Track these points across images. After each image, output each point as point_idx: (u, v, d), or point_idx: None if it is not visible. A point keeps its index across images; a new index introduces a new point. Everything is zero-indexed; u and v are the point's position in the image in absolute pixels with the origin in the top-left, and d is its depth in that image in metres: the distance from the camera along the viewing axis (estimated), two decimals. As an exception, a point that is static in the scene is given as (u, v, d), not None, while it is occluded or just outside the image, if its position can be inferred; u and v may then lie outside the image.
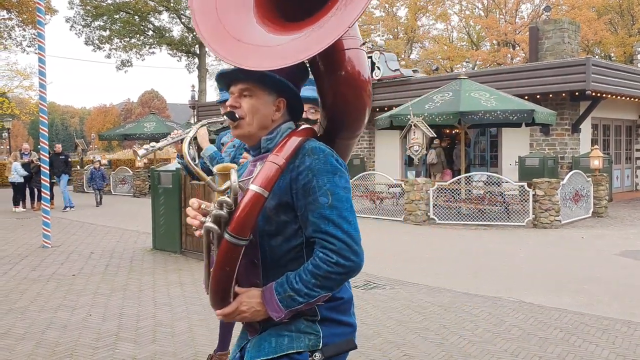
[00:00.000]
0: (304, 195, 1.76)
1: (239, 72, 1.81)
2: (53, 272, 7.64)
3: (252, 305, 1.79)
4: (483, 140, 18.40)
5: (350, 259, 1.74)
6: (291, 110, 1.96)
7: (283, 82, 1.86)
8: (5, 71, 36.08)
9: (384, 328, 5.13)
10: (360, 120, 2.00)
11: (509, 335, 4.93)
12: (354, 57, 1.89)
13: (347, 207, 1.77)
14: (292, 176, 1.78)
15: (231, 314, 1.81)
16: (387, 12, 42.92)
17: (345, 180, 1.82)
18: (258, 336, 1.88)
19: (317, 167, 1.77)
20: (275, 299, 1.76)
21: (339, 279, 1.74)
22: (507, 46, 39.20)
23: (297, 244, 1.81)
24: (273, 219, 1.80)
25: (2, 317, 5.48)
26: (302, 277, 1.74)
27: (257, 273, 1.85)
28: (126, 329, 5.11)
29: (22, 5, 25.44)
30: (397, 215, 13.44)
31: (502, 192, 12.97)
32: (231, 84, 1.91)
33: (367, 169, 19.37)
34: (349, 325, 1.90)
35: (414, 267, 7.92)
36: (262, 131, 1.89)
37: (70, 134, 69.43)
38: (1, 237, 11.00)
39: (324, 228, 1.73)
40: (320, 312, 1.84)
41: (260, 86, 1.86)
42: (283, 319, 1.77)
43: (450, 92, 13.43)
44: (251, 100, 1.86)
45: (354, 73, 1.90)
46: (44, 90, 10.00)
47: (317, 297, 1.74)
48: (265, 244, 1.82)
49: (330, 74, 1.89)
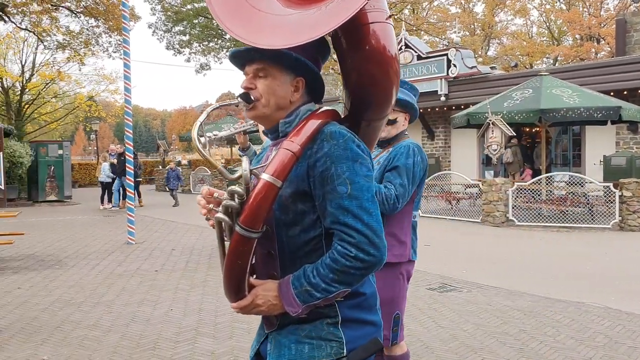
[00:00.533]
0: (322, 183, 1.64)
1: (253, 51, 1.69)
2: (137, 267, 7.99)
3: (269, 298, 1.69)
4: (565, 139, 17.67)
5: (370, 253, 1.62)
6: (311, 90, 1.81)
7: (301, 61, 1.71)
8: (93, 76, 38.03)
9: (461, 332, 5.02)
10: (387, 101, 1.84)
11: (593, 342, 4.71)
12: (379, 31, 1.72)
13: (367, 197, 1.64)
14: (310, 163, 1.65)
15: (247, 307, 1.72)
16: (463, 8, 42.02)
17: (367, 168, 1.68)
18: (277, 338, 1.77)
19: (336, 153, 1.64)
20: (292, 293, 1.65)
21: (358, 274, 1.62)
22: (590, 40, 37.48)
23: (316, 235, 1.70)
24: (290, 208, 1.68)
25: (90, 310, 5.78)
26: (320, 271, 1.63)
27: (275, 264, 1.74)
28: (205, 324, 5.26)
29: (109, 13, 26.71)
30: (474, 216, 13.14)
31: (586, 193, 12.42)
32: (246, 64, 1.78)
33: (443, 168, 19.04)
34: (373, 324, 1.77)
35: (492, 269, 7.71)
36: (280, 113, 1.76)
37: (152, 135, 72.32)
38: (89, 234, 11.61)
39: (343, 219, 1.61)
40: (341, 312, 1.71)
41: (276, 65, 1.72)
42: (300, 314, 1.66)
43: (530, 89, 13.03)
44: (266, 80, 1.73)
45: (379, 48, 1.73)
46: (128, 93, 10.47)
47: (335, 292, 1.63)
48: (282, 235, 1.71)
49: (353, 50, 1.74)
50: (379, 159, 3.17)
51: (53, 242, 10.53)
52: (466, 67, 18.29)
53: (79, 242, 10.51)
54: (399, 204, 2.96)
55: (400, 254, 3.06)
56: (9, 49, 31.96)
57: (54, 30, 28.33)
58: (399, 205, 2.96)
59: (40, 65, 30.94)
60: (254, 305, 1.71)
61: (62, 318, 5.48)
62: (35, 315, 5.61)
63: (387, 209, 2.95)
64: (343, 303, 1.72)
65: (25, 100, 31.23)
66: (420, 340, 4.75)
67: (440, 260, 8.32)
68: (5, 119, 29.00)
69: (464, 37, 38.20)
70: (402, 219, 3.09)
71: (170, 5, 34.53)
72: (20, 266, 8.15)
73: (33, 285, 6.90)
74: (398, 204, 2.96)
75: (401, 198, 2.96)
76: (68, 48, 29.21)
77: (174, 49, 36.52)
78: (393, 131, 3.18)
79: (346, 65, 1.78)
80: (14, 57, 33.41)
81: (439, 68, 18.59)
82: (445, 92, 18.47)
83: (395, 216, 3.04)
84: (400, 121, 3.19)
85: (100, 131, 45.16)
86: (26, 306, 5.95)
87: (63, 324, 5.28)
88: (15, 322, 5.37)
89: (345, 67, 1.79)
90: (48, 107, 34.50)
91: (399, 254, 3.06)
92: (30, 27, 28.50)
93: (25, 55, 31.51)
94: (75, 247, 9.91)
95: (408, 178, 2.99)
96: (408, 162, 3.02)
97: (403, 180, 2.98)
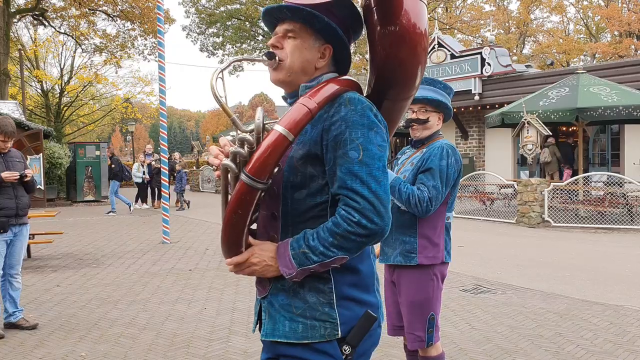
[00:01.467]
0: (334, 147, 1.62)
1: (285, 9, 1.67)
2: (172, 266, 8.10)
3: (264, 258, 1.67)
4: (603, 138, 17.28)
5: (373, 220, 1.58)
6: (337, 61, 1.79)
7: (332, 27, 1.69)
8: (129, 78, 38.81)
9: (495, 334, 4.96)
10: (413, 79, 1.79)
11: (633, 347, 4.59)
12: (411, 8, 1.69)
13: (378, 166, 1.61)
14: (325, 126, 1.63)
15: (241, 265, 1.69)
16: (497, 6, 41.46)
17: (382, 139, 1.65)
18: (270, 310, 1.74)
19: (353, 118, 1.61)
20: (289, 254, 1.63)
21: (358, 240, 1.59)
22: (630, 37, 36.55)
23: (322, 201, 1.68)
24: (299, 170, 1.66)
25: (126, 308, 5.89)
26: (320, 234, 1.60)
27: (276, 226, 1.71)
28: (238, 323, 5.31)
29: (144, 16, 27.20)
30: (509, 217, 12.95)
31: (625, 193, 12.12)
32: (277, 23, 1.75)
33: (477, 168, 18.81)
34: (369, 305, 1.72)
35: (527, 271, 7.59)
36: (303, 77, 1.73)
37: (187, 136, 73.31)
38: (125, 234, 11.83)
39: (350, 184, 1.59)
40: (337, 289, 1.68)
41: (307, 27, 1.70)
42: (294, 277, 1.63)
43: (566, 87, 12.79)
44: (295, 42, 1.70)
45: (409, 26, 1.69)
46: (163, 95, 10.64)
47: (332, 257, 1.60)
48: (288, 196, 1.68)
49: (384, 24, 1.70)
50: (412, 160, 3.13)
51: (90, 241, 10.77)
52: (500, 66, 18.01)
53: (115, 241, 10.72)
54: (432, 206, 2.92)
55: (434, 255, 3.03)
56: (49, 52, 32.81)
57: (91, 33, 28.99)
58: (432, 207, 2.93)
59: (78, 68, 31.67)
60: (248, 264, 1.68)
61: (99, 316, 5.60)
62: (73, 312, 5.74)
63: (420, 211, 2.92)
64: (339, 279, 1.69)
65: (64, 102, 32.01)
66: (453, 342, 4.71)
67: (474, 261, 8.22)
68: (45, 121, 29.77)
69: (499, 35, 37.65)
70: (436, 220, 3.05)
71: (204, 7, 34.94)
72: (59, 265, 8.35)
73: (71, 284, 7.06)
74: (431, 207, 2.92)
75: (434, 200, 2.92)
76: (105, 51, 29.84)
77: (207, 50, 36.94)
78: (426, 132, 3.14)
79: (375, 40, 1.74)
80: (54, 60, 34.29)
81: (473, 67, 18.37)
82: (479, 91, 18.24)
83: (428, 218, 3.01)
84: (433, 121, 3.14)
85: (136, 132, 45.96)
86: (64, 304, 6.10)
87: (100, 322, 5.39)
88: (54, 319, 5.51)
89: (373, 42, 1.75)
90: (86, 109, 35.31)
91: (432, 256, 3.03)
92: (69, 31, 29.20)
93: (64, 59, 32.32)
94: (111, 246, 10.11)
95: (442, 180, 2.96)
96: (442, 164, 2.98)
97: (436, 182, 2.94)
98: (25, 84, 28.05)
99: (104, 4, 27.29)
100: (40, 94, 32.57)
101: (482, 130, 19.51)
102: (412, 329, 3.05)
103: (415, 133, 3.17)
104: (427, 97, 3.10)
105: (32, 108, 31.12)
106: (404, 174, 3.10)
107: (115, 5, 27.32)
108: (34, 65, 31.25)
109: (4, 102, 21.30)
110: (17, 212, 5.08)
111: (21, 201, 5.13)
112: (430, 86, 3.15)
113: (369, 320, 1.70)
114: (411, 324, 3.06)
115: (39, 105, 32.58)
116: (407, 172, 3.09)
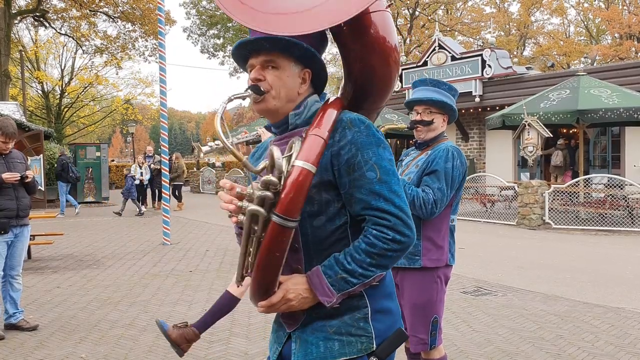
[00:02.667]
0: (348, 171, 1.64)
1: (264, 41, 1.66)
2: (172, 268, 8.10)
3: (299, 292, 1.66)
4: (604, 140, 17.27)
5: (405, 234, 1.64)
6: (314, 83, 1.81)
7: (310, 52, 1.70)
8: (129, 79, 38.78)
9: (496, 336, 4.95)
10: (387, 90, 1.85)
11: (634, 349, 4.58)
12: (378, 21, 1.72)
13: (395, 181, 1.66)
14: (333, 152, 1.64)
15: (277, 304, 1.66)
16: (498, 8, 41.48)
17: (389, 152, 1.69)
18: (302, 336, 1.73)
19: (360, 140, 1.64)
20: (326, 283, 1.63)
21: (395, 255, 1.64)
22: (630, 39, 36.55)
23: (341, 224, 1.69)
24: (314, 199, 1.66)
25: (127, 309, 5.88)
26: (355, 257, 1.62)
27: (299, 258, 1.71)
28: (239, 325, 5.30)
29: (145, 17, 27.25)
30: (509, 219, 12.95)
31: (625, 195, 12.11)
32: (250, 55, 1.73)
33: (477, 170, 18.79)
34: (394, 314, 1.77)
35: (527, 273, 7.58)
36: (288, 105, 1.74)
37: (187, 137, 73.34)
38: (125, 235, 11.83)
39: (375, 204, 1.63)
40: (371, 303, 1.71)
41: (286, 56, 1.70)
42: (334, 303, 1.64)
43: (567, 89, 12.79)
44: (276, 72, 1.70)
45: (378, 38, 1.73)
46: (164, 96, 10.64)
47: (372, 277, 1.64)
48: (307, 226, 1.68)
49: (354, 40, 1.73)
50: (417, 162, 3.11)
51: (91, 242, 10.76)
52: (501, 68, 18.01)
53: (115, 242, 10.71)
54: (436, 208, 2.91)
55: (438, 258, 3.01)
56: (49, 54, 32.84)
57: (92, 35, 29.03)
58: (437, 210, 2.91)
59: (79, 70, 31.71)
60: (284, 301, 1.66)
61: (100, 317, 5.59)
62: (73, 313, 5.73)
63: (425, 214, 2.90)
64: (371, 294, 1.72)
65: (65, 103, 32.04)
66: (454, 345, 4.70)
67: (475, 263, 8.22)
68: (46, 122, 29.78)
69: (499, 37, 37.65)
70: (440, 223, 3.03)
71: (205, 9, 34.98)
72: (60, 266, 8.35)
73: (71, 285, 7.06)
74: (436, 209, 2.91)
75: (439, 203, 2.91)
76: (105, 52, 29.88)
77: (208, 52, 37.00)
78: (430, 134, 3.13)
79: (350, 55, 1.77)
80: (54, 61, 34.34)
81: (473, 69, 18.37)
82: (479, 93, 18.23)
83: (433, 220, 2.99)
84: (437, 123, 3.12)
85: (136, 133, 45.91)
86: (65, 305, 6.09)
87: (100, 323, 5.38)
88: (55, 320, 5.50)
89: (348, 58, 1.78)
90: (86, 110, 35.32)
91: (436, 259, 3.01)
92: (70, 32, 29.23)
93: (64, 60, 32.36)
94: (112, 247, 10.11)
95: (447, 182, 2.94)
96: (447, 166, 2.96)
97: (441, 184, 2.92)
98: (26, 85, 28.09)
99: (105, 5, 27.33)
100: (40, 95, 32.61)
101: (483, 132, 19.50)
102: (415, 331, 3.04)
103: (420, 135, 3.15)
104: (432, 99, 3.08)
105: (32, 109, 31.15)
106: (409, 176, 3.08)
107: (116, 6, 27.36)
108: (34, 67, 31.29)
109: (5, 103, 21.33)
110: (18, 213, 5.08)
111: (22, 202, 5.13)
112: (435, 87, 3.13)
113: (400, 339, 1.74)
114: (414, 327, 3.04)
115: (40, 106, 32.62)
116: (412, 174, 3.07)
